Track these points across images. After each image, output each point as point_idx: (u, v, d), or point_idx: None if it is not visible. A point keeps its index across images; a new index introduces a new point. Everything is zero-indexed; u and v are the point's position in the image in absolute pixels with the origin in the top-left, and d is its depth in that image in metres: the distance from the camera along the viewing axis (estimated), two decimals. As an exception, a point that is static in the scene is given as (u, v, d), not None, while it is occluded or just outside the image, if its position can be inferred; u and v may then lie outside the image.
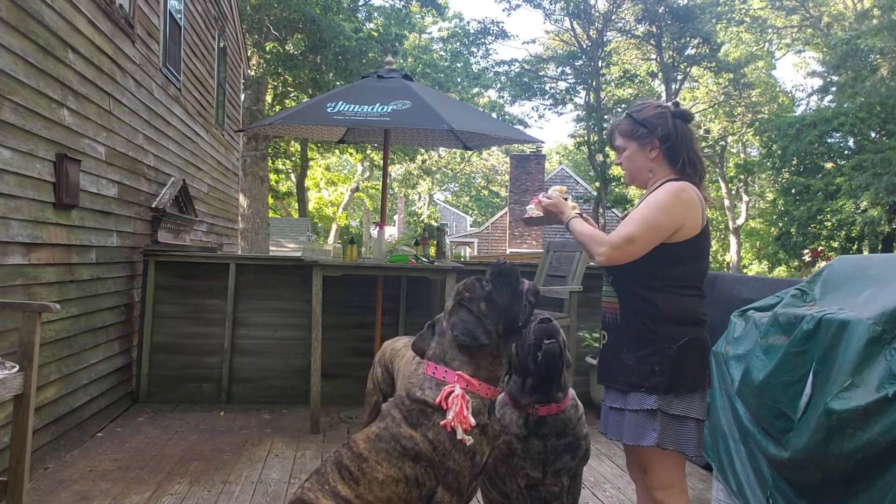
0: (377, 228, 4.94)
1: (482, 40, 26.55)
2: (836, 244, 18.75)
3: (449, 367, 2.17)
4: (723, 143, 29.57)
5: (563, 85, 26.98)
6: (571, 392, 2.56)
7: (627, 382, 2.16)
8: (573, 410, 2.51)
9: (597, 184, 24.64)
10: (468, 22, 32.36)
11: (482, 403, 2.16)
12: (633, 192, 23.57)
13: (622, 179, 24.21)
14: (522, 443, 2.45)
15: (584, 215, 2.33)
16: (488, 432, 2.18)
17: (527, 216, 2.50)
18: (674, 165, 2.22)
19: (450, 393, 2.09)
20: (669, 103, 2.30)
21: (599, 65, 24.90)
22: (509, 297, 2.18)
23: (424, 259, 4.82)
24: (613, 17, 24.69)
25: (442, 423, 2.06)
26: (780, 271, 22.23)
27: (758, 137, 24.28)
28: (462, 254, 25.79)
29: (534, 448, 2.45)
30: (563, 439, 2.46)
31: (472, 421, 2.07)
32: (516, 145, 22.49)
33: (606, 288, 2.31)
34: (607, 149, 24.36)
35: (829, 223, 18.73)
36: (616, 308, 2.24)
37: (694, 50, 24.18)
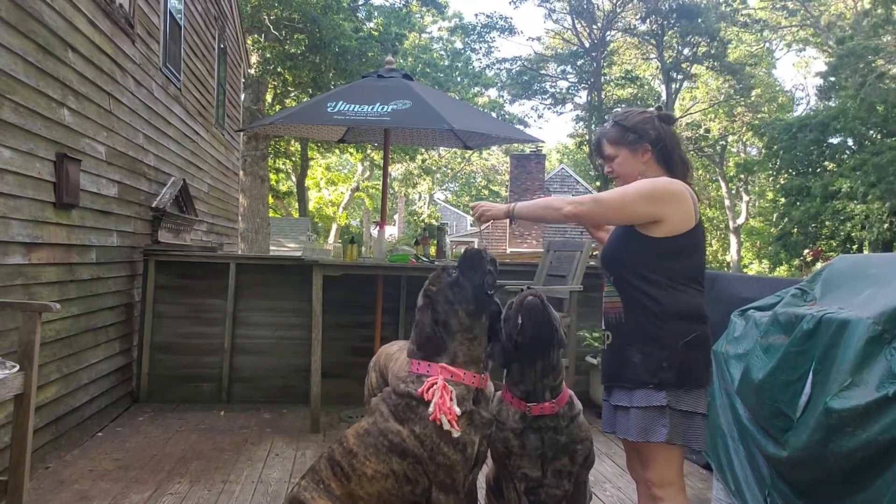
0: (377, 228, 4.94)
1: (486, 35, 26.54)
2: (836, 244, 18.73)
3: (428, 360, 2.22)
4: (723, 142, 29.57)
5: (563, 84, 27.00)
6: (569, 392, 2.52)
7: (634, 379, 2.16)
8: (567, 408, 2.48)
9: (597, 183, 24.65)
10: (476, 15, 32.38)
11: (466, 391, 2.18)
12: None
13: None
14: (519, 438, 2.42)
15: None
16: (475, 420, 2.18)
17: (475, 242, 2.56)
18: (666, 166, 2.29)
19: (432, 385, 2.12)
20: (652, 108, 2.38)
21: (601, 64, 24.90)
22: (473, 274, 2.27)
23: (425, 258, 4.82)
24: (617, 17, 24.69)
25: (431, 418, 2.08)
26: (781, 271, 22.23)
27: (758, 138, 24.27)
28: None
29: (531, 444, 2.41)
30: (560, 436, 2.43)
31: (458, 410, 2.09)
32: (516, 145, 22.47)
33: (608, 288, 2.32)
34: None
35: (829, 224, 18.70)
36: (619, 307, 2.25)
37: (699, 49, 24.15)
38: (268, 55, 16.39)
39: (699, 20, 22.46)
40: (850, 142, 19.13)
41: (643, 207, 2.16)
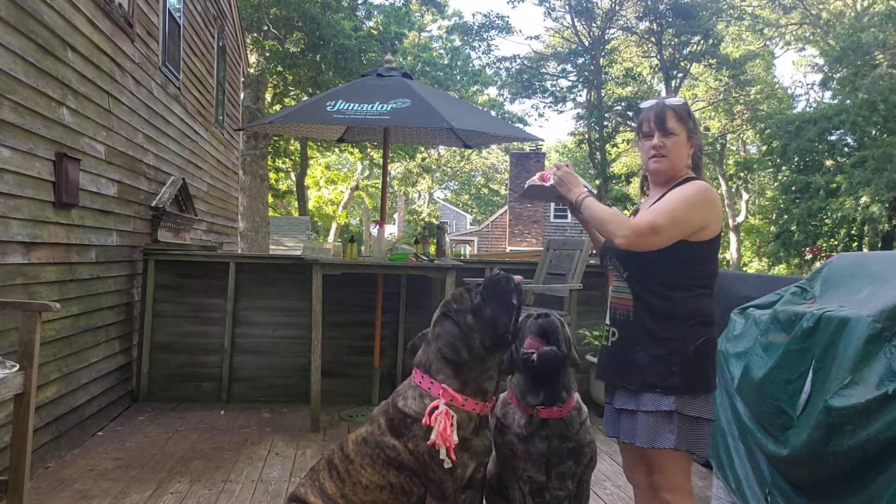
0: (377, 227, 4.94)
1: (485, 34, 26.47)
2: (836, 242, 18.73)
3: (434, 378, 2.15)
4: (722, 140, 29.54)
5: (563, 83, 26.94)
6: (576, 396, 2.50)
7: (641, 382, 2.10)
8: (576, 413, 2.45)
9: (597, 182, 24.61)
10: (473, 14, 32.25)
11: (466, 418, 2.14)
12: (633, 190, 23.54)
13: (623, 178, 23.73)
14: (524, 443, 2.40)
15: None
16: (473, 447, 2.15)
17: (528, 186, 2.36)
18: (694, 167, 2.25)
19: (434, 409, 2.06)
20: None
21: (601, 62, 24.85)
22: (499, 309, 2.14)
23: (424, 257, 4.82)
24: (616, 15, 24.65)
25: (429, 442, 2.04)
26: (781, 269, 22.23)
27: (758, 135, 24.25)
28: (462, 252, 25.82)
29: (536, 450, 2.39)
30: (566, 443, 2.40)
31: (456, 439, 2.03)
32: (516, 143, 22.49)
33: (619, 283, 2.24)
34: (607, 147, 24.33)
35: (829, 221, 18.69)
36: (629, 305, 2.17)
37: (695, 47, 24.13)
38: (267, 54, 16.39)
39: (695, 19, 22.41)
40: (849, 139, 19.09)
41: (692, 222, 2.08)
